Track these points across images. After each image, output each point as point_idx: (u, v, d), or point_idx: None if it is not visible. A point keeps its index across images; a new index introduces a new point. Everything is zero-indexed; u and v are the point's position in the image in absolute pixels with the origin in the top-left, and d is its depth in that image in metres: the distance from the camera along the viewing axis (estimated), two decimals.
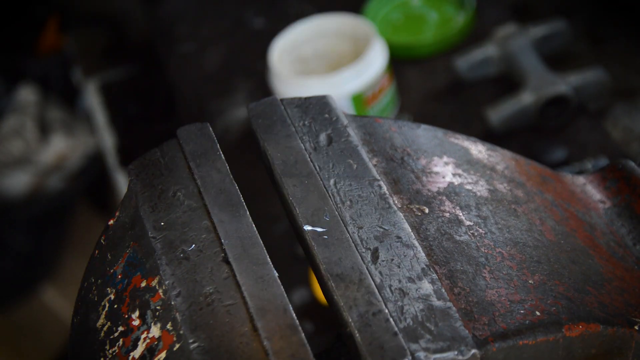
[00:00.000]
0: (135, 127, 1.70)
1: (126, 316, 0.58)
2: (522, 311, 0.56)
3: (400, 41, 1.46)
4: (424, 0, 1.54)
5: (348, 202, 0.61)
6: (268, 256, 0.58)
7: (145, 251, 0.60)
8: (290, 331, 0.53)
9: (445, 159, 0.67)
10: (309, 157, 0.64)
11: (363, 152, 0.65)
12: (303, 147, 0.65)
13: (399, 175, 0.64)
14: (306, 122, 0.67)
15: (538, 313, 0.57)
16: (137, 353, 0.56)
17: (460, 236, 0.61)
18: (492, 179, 0.67)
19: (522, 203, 0.66)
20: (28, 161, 2.15)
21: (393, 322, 0.53)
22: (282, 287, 0.56)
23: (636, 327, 0.60)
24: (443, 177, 0.66)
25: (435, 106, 1.38)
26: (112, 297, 0.60)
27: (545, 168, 0.73)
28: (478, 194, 0.65)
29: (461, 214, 0.63)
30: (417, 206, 0.62)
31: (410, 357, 0.51)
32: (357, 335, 0.53)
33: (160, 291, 0.58)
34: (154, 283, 0.58)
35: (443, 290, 0.56)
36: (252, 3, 1.68)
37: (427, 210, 0.62)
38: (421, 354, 0.52)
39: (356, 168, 0.63)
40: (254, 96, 1.48)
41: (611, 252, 0.67)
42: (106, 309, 0.60)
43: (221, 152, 0.65)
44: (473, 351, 0.53)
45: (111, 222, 0.65)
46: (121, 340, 0.58)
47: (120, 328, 0.58)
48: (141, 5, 1.81)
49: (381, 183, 0.62)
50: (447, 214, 0.62)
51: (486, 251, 0.60)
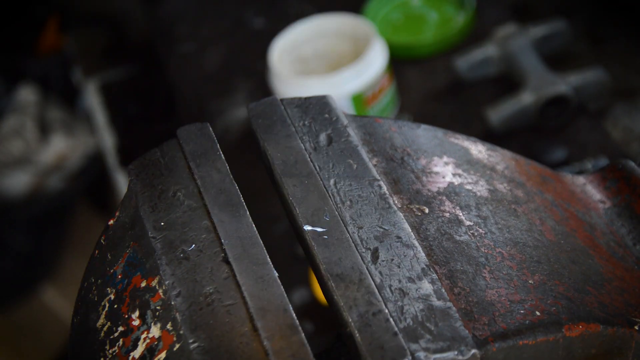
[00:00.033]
0: (135, 127, 1.70)
1: (126, 316, 0.58)
2: (522, 311, 0.56)
3: (400, 41, 1.46)
4: (424, 0, 1.54)
5: (348, 202, 0.61)
6: (268, 256, 0.58)
7: (145, 251, 0.60)
8: (290, 331, 0.53)
9: (445, 159, 0.67)
10: (309, 157, 0.64)
11: (363, 152, 0.65)
12: (303, 147, 0.65)
13: (399, 175, 0.64)
14: (306, 122, 0.67)
15: (538, 313, 0.57)
16: (137, 353, 0.56)
17: (460, 236, 0.61)
18: (492, 179, 0.67)
19: (522, 203, 0.66)
20: (28, 161, 2.15)
21: (393, 322, 0.53)
22: (282, 287, 0.56)
23: (636, 327, 0.60)
24: (443, 177, 0.66)
25: (435, 106, 1.38)
26: (112, 297, 0.60)
27: (545, 168, 0.73)
28: (478, 194, 0.65)
29: (461, 214, 0.63)
30: (417, 206, 0.62)
31: (410, 357, 0.51)
32: (357, 335, 0.53)
33: (160, 291, 0.58)
34: (154, 283, 0.58)
35: (443, 290, 0.56)
36: (252, 3, 1.68)
37: (427, 210, 0.62)
38: (421, 354, 0.52)
39: (356, 168, 0.63)
40: (254, 96, 1.48)
41: (611, 252, 0.67)
42: (106, 309, 0.60)
43: (221, 152, 0.65)
44: (473, 351, 0.53)
45: (111, 222, 0.65)
46: (121, 340, 0.58)
47: (120, 328, 0.58)
48: (141, 5, 1.81)
49: (381, 183, 0.62)
50: (447, 214, 0.62)
51: (486, 251, 0.60)
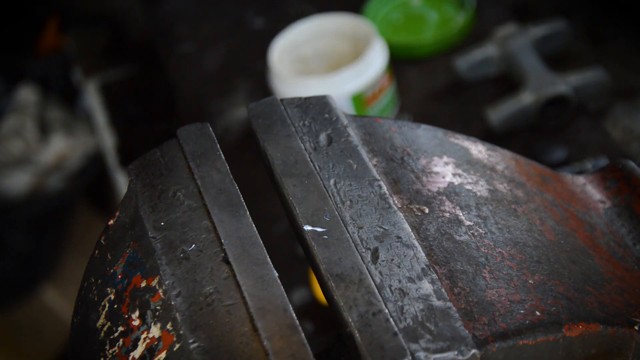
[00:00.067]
0: (135, 127, 1.70)
1: (126, 316, 0.58)
2: (522, 311, 0.56)
3: (400, 41, 1.46)
4: (424, 0, 1.54)
5: (348, 202, 0.61)
6: (268, 256, 0.58)
7: (145, 251, 0.60)
8: (290, 331, 0.53)
9: (445, 159, 0.67)
10: (309, 157, 0.64)
11: (363, 152, 0.65)
12: (303, 147, 0.65)
13: (399, 175, 0.64)
14: (306, 122, 0.67)
15: (538, 313, 0.57)
16: (137, 353, 0.56)
17: (460, 236, 0.61)
18: (492, 179, 0.67)
19: (522, 203, 0.66)
20: (28, 161, 2.15)
21: (393, 322, 0.53)
22: (282, 287, 0.56)
23: (636, 327, 0.60)
24: (443, 177, 0.66)
25: (435, 106, 1.38)
26: (112, 297, 0.60)
27: (545, 168, 0.73)
28: (478, 194, 0.65)
29: (461, 214, 0.63)
30: (417, 206, 0.62)
31: (410, 357, 0.51)
32: (357, 335, 0.53)
33: (160, 291, 0.58)
34: (154, 283, 0.58)
35: (443, 290, 0.56)
36: (252, 3, 1.68)
37: (427, 210, 0.62)
38: (421, 354, 0.52)
39: (356, 168, 0.63)
40: (254, 96, 1.48)
41: (611, 252, 0.67)
42: (106, 309, 0.60)
43: (221, 152, 0.65)
44: (473, 351, 0.53)
45: (111, 222, 0.65)
46: (121, 340, 0.58)
47: (120, 328, 0.58)
48: (141, 5, 1.81)
49: (381, 183, 0.62)
50: (447, 214, 0.62)
51: (486, 251, 0.60)
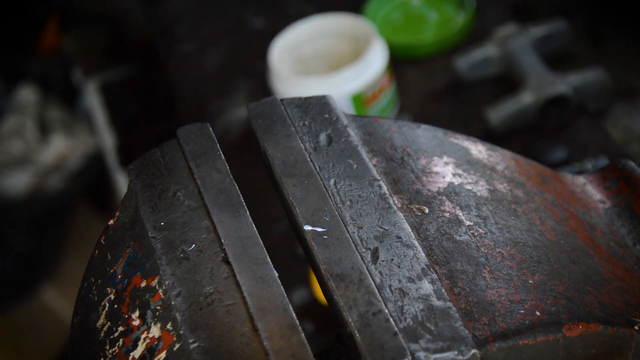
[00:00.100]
0: (135, 127, 1.70)
1: (126, 316, 0.58)
2: (522, 311, 0.56)
3: (400, 41, 1.46)
4: (424, 0, 1.54)
5: (348, 202, 0.61)
6: (268, 256, 0.58)
7: (145, 251, 0.60)
8: (290, 331, 0.53)
9: (445, 159, 0.67)
10: (309, 157, 0.64)
11: (363, 152, 0.65)
12: (303, 147, 0.65)
13: (399, 175, 0.64)
14: (306, 122, 0.67)
15: (538, 313, 0.57)
16: (137, 353, 0.56)
17: (460, 236, 0.61)
18: (492, 179, 0.67)
19: (522, 203, 0.66)
20: (28, 161, 2.15)
21: (393, 322, 0.53)
22: (282, 287, 0.56)
23: (636, 327, 0.60)
24: (443, 177, 0.66)
25: (435, 106, 1.38)
26: (112, 297, 0.60)
27: (545, 168, 0.73)
28: (478, 194, 0.65)
29: (461, 214, 0.63)
30: (417, 206, 0.62)
31: (410, 357, 0.51)
32: (357, 335, 0.53)
33: (160, 291, 0.58)
34: (154, 283, 0.58)
35: (443, 290, 0.56)
36: (252, 3, 1.68)
37: (427, 210, 0.62)
38: (421, 354, 0.52)
39: (356, 168, 0.63)
40: (254, 96, 1.48)
41: (611, 252, 0.67)
42: (106, 309, 0.60)
43: (221, 152, 0.65)
44: (473, 351, 0.53)
45: (111, 222, 0.65)
46: (121, 340, 0.58)
47: (120, 328, 0.58)
48: (141, 5, 1.81)
49: (381, 183, 0.62)
50: (447, 214, 0.62)
51: (486, 251, 0.60)
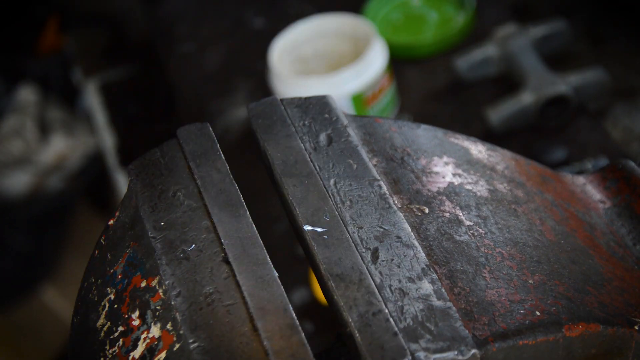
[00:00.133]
0: (135, 127, 1.70)
1: (126, 316, 0.58)
2: (522, 311, 0.56)
3: (400, 41, 1.46)
4: (424, 0, 1.54)
5: (348, 202, 0.61)
6: (268, 256, 0.58)
7: (145, 251, 0.60)
8: (290, 331, 0.53)
9: (445, 159, 0.67)
10: (309, 157, 0.64)
11: (363, 152, 0.65)
12: (303, 147, 0.65)
13: (399, 175, 0.64)
14: (306, 122, 0.67)
15: (538, 313, 0.57)
16: (137, 353, 0.56)
17: (460, 236, 0.61)
18: (492, 179, 0.67)
19: (522, 203, 0.66)
20: (28, 161, 2.15)
21: (393, 322, 0.53)
22: (282, 287, 0.56)
23: (636, 327, 0.60)
24: (443, 177, 0.66)
25: (435, 106, 1.38)
26: (112, 297, 0.60)
27: (545, 168, 0.73)
28: (478, 194, 0.65)
29: (461, 214, 0.63)
30: (417, 206, 0.62)
31: (410, 357, 0.51)
32: (357, 335, 0.53)
33: (160, 291, 0.58)
34: (154, 283, 0.58)
35: (443, 290, 0.56)
36: (252, 3, 1.68)
37: (427, 210, 0.62)
38: (421, 354, 0.52)
39: (356, 168, 0.63)
40: (254, 96, 1.48)
41: (611, 252, 0.67)
42: (106, 309, 0.60)
43: (221, 152, 0.65)
44: (473, 351, 0.53)
45: (111, 222, 0.65)
46: (121, 340, 0.58)
47: (120, 328, 0.58)
48: (141, 5, 1.81)
49: (381, 183, 0.62)
50: (447, 214, 0.62)
51: (486, 251, 0.60)
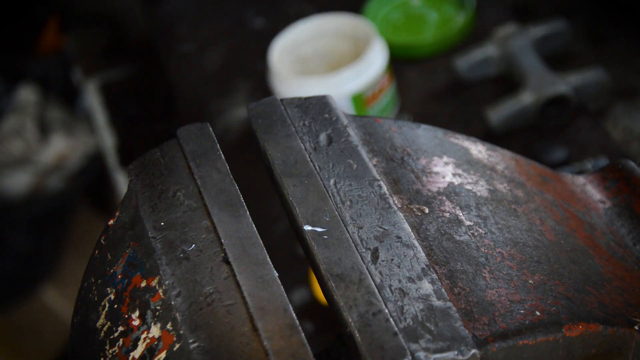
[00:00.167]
0: (135, 127, 1.70)
1: (126, 316, 0.58)
2: (522, 311, 0.56)
3: (400, 41, 1.46)
4: (424, 0, 1.54)
5: (348, 202, 0.61)
6: (268, 256, 0.58)
7: (145, 251, 0.60)
8: (290, 331, 0.53)
9: (445, 159, 0.67)
10: (309, 157, 0.64)
11: (363, 152, 0.65)
12: (303, 147, 0.65)
13: (399, 175, 0.64)
14: (306, 122, 0.67)
15: (538, 313, 0.57)
16: (137, 353, 0.56)
17: (460, 236, 0.61)
18: (492, 179, 0.67)
19: (522, 203, 0.66)
20: (28, 161, 2.15)
21: (393, 322, 0.53)
22: (282, 287, 0.56)
23: (636, 327, 0.60)
24: (443, 177, 0.66)
25: (435, 106, 1.38)
26: (112, 297, 0.60)
27: (545, 168, 0.73)
28: (478, 194, 0.65)
29: (461, 214, 0.63)
30: (417, 206, 0.62)
31: (410, 357, 0.51)
32: (357, 335, 0.53)
33: (160, 291, 0.58)
34: (154, 283, 0.58)
35: (443, 290, 0.56)
36: (252, 3, 1.68)
37: (427, 210, 0.62)
38: (421, 354, 0.52)
39: (356, 168, 0.63)
40: (254, 96, 1.48)
41: (611, 252, 0.67)
42: (106, 309, 0.60)
43: (221, 152, 0.65)
44: (473, 351, 0.53)
45: (111, 222, 0.65)
46: (121, 340, 0.58)
47: (120, 328, 0.58)
48: (141, 5, 1.81)
49: (381, 183, 0.62)
50: (447, 214, 0.62)
51: (486, 251, 0.60)
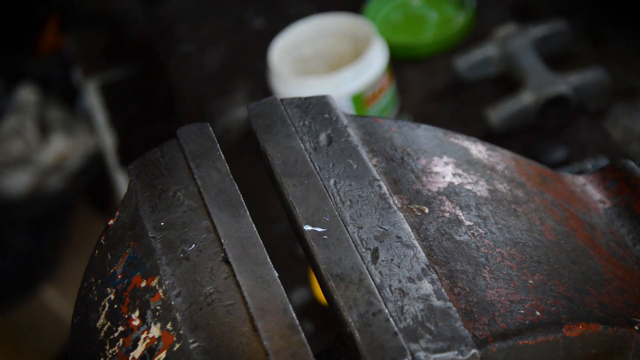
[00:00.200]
0: (135, 127, 1.70)
1: (126, 316, 0.58)
2: (522, 311, 0.56)
3: (400, 41, 1.46)
4: (424, 0, 1.54)
5: (348, 202, 0.61)
6: (268, 256, 0.58)
7: (145, 251, 0.60)
8: (290, 331, 0.53)
9: (445, 159, 0.67)
10: (309, 157, 0.64)
11: (363, 152, 0.65)
12: (303, 147, 0.65)
13: (399, 175, 0.64)
14: (306, 122, 0.67)
15: (538, 313, 0.57)
16: (137, 353, 0.56)
17: (460, 236, 0.61)
18: (492, 179, 0.67)
19: (522, 203, 0.66)
20: (28, 161, 2.15)
21: (393, 322, 0.53)
22: (282, 287, 0.56)
23: (636, 327, 0.60)
24: (443, 177, 0.66)
25: (435, 106, 1.38)
26: (112, 297, 0.60)
27: (545, 168, 0.73)
28: (478, 194, 0.65)
29: (461, 214, 0.63)
30: (417, 206, 0.62)
31: (410, 357, 0.51)
32: (357, 335, 0.53)
33: (160, 291, 0.58)
34: (154, 283, 0.58)
35: (443, 290, 0.56)
36: (252, 3, 1.68)
37: (427, 210, 0.62)
38: (421, 354, 0.52)
39: (356, 168, 0.63)
40: (254, 96, 1.48)
41: (611, 252, 0.67)
42: (106, 309, 0.60)
43: (221, 152, 0.65)
44: (473, 351, 0.53)
45: (111, 222, 0.65)
46: (121, 340, 0.58)
47: (120, 328, 0.58)
48: (141, 5, 1.81)
49: (381, 183, 0.62)
50: (447, 214, 0.62)
51: (486, 251, 0.60)
